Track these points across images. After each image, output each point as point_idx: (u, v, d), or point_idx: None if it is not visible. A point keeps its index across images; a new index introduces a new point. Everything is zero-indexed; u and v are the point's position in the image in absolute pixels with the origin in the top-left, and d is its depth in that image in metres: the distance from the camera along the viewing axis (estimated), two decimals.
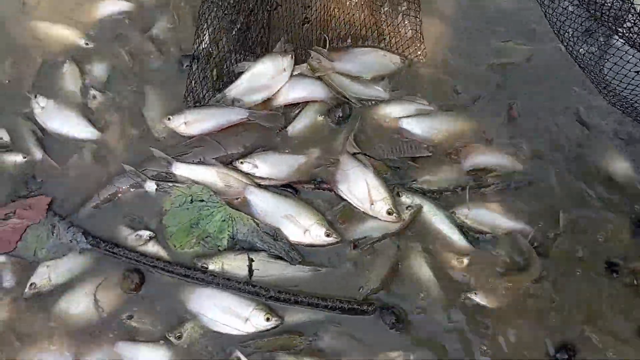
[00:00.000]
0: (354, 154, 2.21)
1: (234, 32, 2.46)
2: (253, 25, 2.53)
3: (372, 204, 2.08)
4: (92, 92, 2.48)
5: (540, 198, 2.22)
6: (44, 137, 2.36)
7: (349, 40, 2.63)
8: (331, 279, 2.01)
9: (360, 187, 2.11)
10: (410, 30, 2.63)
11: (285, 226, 2.05)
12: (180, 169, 2.16)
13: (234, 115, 2.32)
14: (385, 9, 2.68)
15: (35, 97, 2.43)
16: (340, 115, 2.36)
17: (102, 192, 2.17)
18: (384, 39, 2.64)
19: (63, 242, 2.07)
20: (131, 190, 2.17)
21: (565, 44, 2.05)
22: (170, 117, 2.32)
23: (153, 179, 2.15)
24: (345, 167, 2.16)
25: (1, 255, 2.06)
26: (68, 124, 2.39)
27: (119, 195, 2.18)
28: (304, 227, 2.04)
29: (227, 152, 2.24)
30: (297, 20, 2.65)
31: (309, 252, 2.06)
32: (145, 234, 2.06)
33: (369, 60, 2.55)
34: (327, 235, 2.02)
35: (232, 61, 2.43)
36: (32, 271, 2.03)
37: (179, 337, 1.90)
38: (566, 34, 2.00)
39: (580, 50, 2.05)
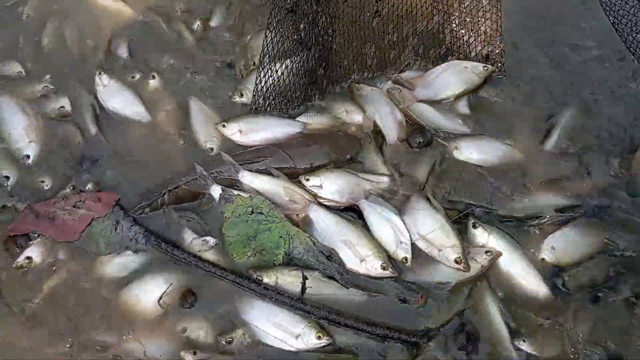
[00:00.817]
0: (426, 196, 2.19)
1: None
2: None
3: (440, 250, 2.06)
4: (152, 75, 2.60)
5: None
6: (101, 114, 2.48)
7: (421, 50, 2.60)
8: (385, 306, 2.02)
9: (428, 229, 2.09)
10: (490, 28, 2.54)
11: (342, 251, 2.06)
12: (247, 178, 2.20)
13: (292, 128, 2.36)
14: (466, 3, 2.57)
15: (100, 74, 2.54)
16: (421, 140, 2.34)
17: (166, 193, 2.22)
18: (461, 38, 2.57)
19: (124, 239, 2.14)
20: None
21: None
22: (225, 124, 2.36)
23: (219, 184, 2.20)
24: (416, 206, 2.15)
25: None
26: (125, 105, 2.50)
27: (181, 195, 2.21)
28: (361, 256, 2.04)
29: (294, 166, 2.27)
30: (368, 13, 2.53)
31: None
32: (212, 240, 2.11)
33: (450, 79, 2.50)
34: (383, 269, 2.02)
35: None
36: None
37: (230, 342, 1.94)
38: None
39: None
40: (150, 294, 2.05)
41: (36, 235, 2.14)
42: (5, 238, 2.13)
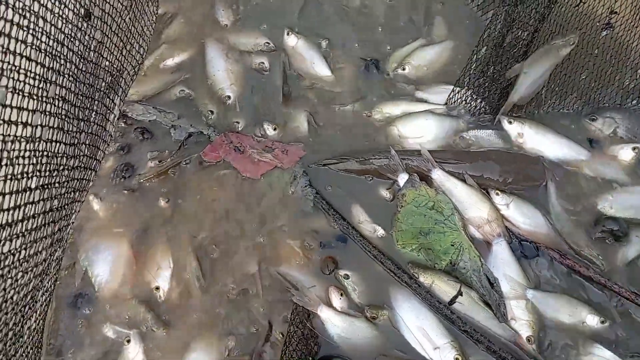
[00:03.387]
0: None
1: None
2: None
3: None
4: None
5: None
6: (288, 73, 2.55)
7: None
8: None
9: None
10: None
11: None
12: (439, 176, 2.15)
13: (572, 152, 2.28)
14: None
15: (288, 34, 2.58)
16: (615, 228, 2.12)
17: (354, 160, 2.24)
18: None
19: (294, 194, 2.20)
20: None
21: None
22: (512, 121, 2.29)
23: (407, 172, 2.17)
24: None
25: None
26: (310, 66, 2.54)
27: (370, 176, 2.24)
28: None
29: (483, 175, 2.19)
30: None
31: None
32: (381, 231, 2.10)
33: None
34: None
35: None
36: None
37: (374, 318, 1.94)
38: None
39: None
40: None
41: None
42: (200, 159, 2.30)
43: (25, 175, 1.26)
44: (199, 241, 2.11)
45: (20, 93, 1.20)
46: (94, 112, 1.94)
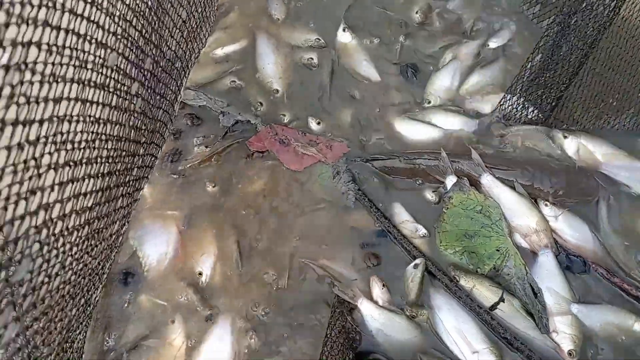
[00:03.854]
0: None
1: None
2: None
3: None
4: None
5: None
6: (336, 71, 2.57)
7: None
8: None
9: None
10: None
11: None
12: (489, 182, 2.14)
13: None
14: None
15: (345, 30, 2.61)
16: None
17: (400, 158, 2.25)
18: None
19: (336, 189, 2.22)
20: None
21: None
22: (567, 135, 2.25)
23: (455, 175, 2.16)
24: None
25: None
26: (358, 66, 2.56)
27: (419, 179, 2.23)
28: None
29: (534, 184, 2.16)
30: None
31: None
32: (422, 231, 2.09)
33: None
34: None
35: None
36: None
37: (413, 317, 1.94)
38: None
39: None
40: None
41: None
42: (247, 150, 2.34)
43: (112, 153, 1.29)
44: (241, 230, 2.15)
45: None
46: (164, 98, 1.99)
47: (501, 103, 2.34)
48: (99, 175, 1.06)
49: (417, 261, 1.99)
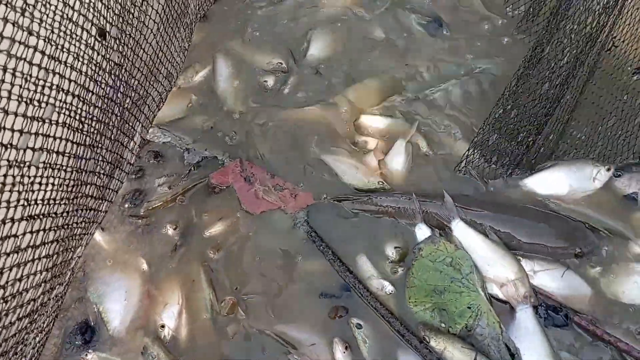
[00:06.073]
0: None
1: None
2: None
3: None
4: None
5: None
6: None
7: None
8: None
9: None
10: None
11: None
12: (460, 229, 1.98)
13: None
14: None
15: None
16: None
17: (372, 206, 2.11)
18: None
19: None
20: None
21: None
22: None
23: (426, 224, 2.01)
24: None
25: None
26: None
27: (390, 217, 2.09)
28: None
29: (515, 236, 1.99)
30: None
31: None
32: (389, 288, 1.93)
33: None
34: None
35: None
36: None
37: None
38: None
39: None
40: None
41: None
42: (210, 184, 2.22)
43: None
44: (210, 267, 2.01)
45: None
46: (109, 139, 1.85)
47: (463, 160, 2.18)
48: None
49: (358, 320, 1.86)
